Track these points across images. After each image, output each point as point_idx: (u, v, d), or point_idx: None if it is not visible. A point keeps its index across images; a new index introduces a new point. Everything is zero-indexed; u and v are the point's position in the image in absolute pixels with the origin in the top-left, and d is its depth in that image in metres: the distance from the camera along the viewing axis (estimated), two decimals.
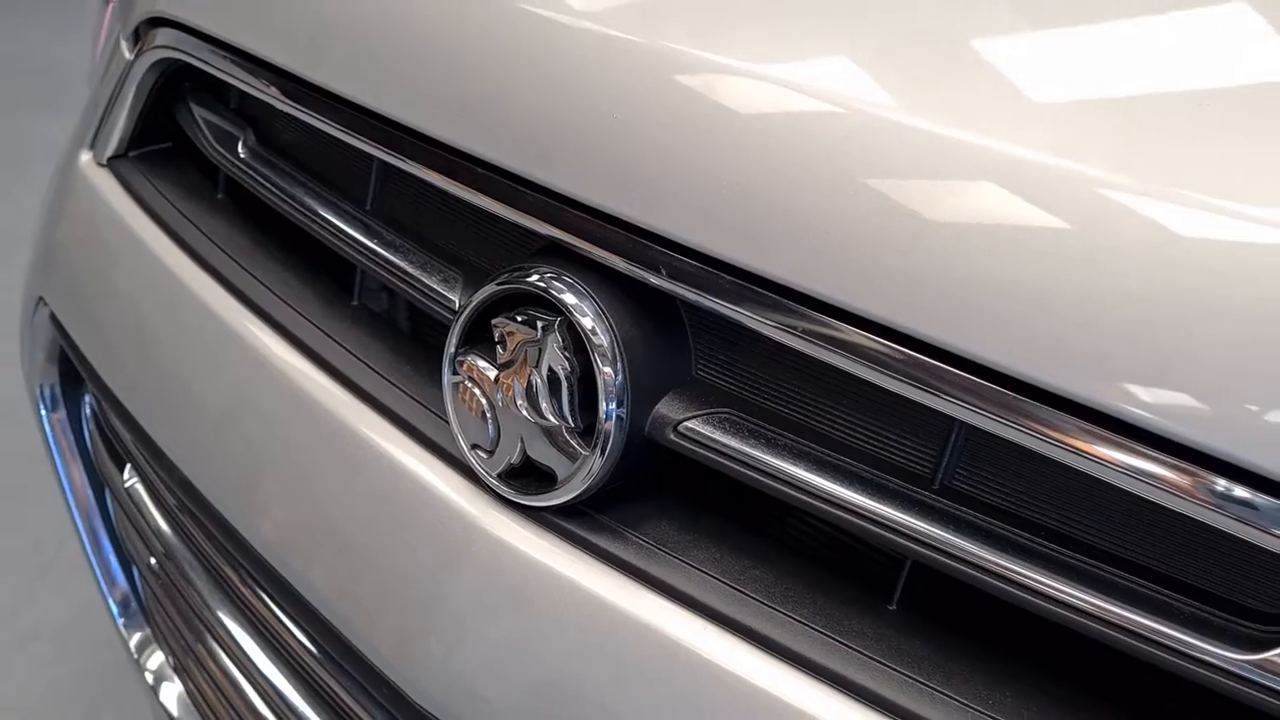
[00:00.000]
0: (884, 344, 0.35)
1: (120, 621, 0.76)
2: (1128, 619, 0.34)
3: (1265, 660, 0.32)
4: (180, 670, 0.74)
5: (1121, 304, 0.31)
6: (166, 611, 0.73)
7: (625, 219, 0.40)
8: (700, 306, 0.39)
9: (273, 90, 0.55)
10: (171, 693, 0.76)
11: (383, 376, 0.49)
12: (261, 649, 0.60)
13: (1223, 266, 0.30)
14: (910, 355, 0.35)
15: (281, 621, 0.54)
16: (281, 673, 0.59)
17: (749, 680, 0.38)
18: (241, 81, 0.57)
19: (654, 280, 0.40)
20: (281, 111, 0.55)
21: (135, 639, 0.77)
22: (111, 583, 0.78)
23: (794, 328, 0.37)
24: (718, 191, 0.38)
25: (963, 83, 0.37)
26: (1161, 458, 0.32)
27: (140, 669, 0.77)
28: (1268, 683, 0.31)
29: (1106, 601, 0.34)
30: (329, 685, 0.54)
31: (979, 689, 0.37)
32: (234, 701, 0.64)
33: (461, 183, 0.46)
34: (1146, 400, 0.31)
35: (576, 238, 0.42)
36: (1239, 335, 0.30)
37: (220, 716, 0.68)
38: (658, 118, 0.39)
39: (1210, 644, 0.32)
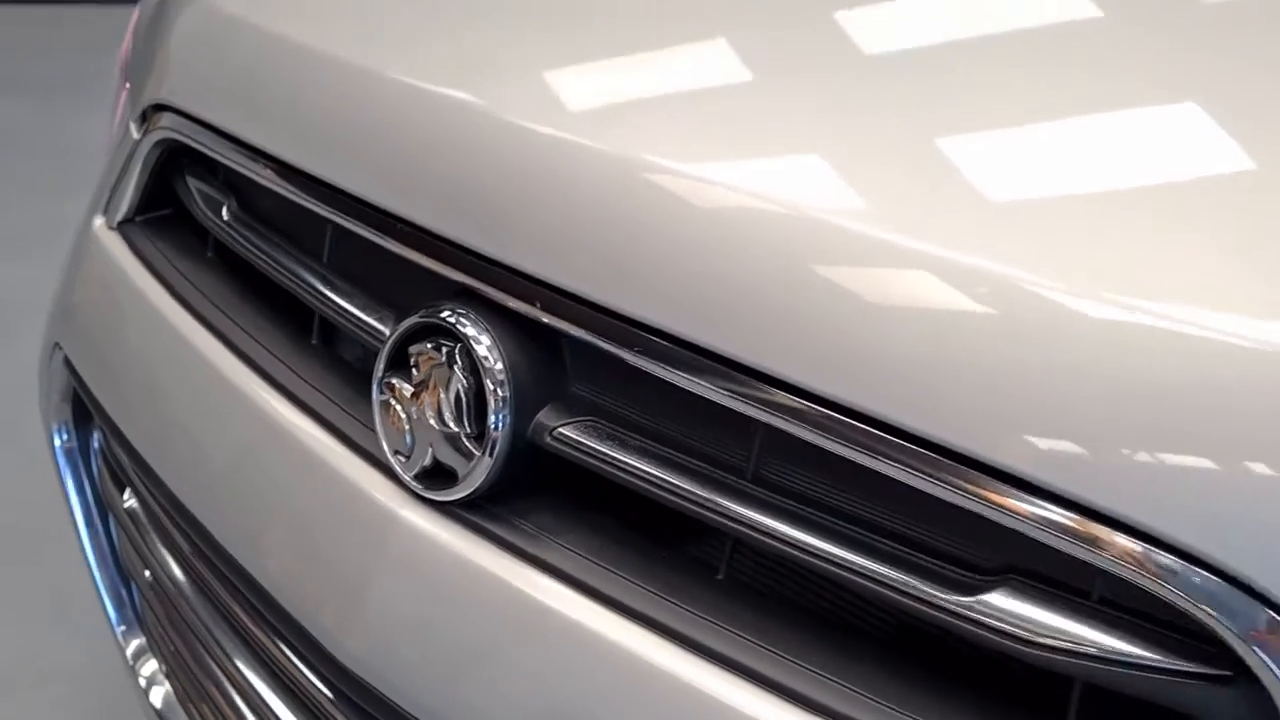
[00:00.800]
0: (703, 360, 0.45)
1: (119, 630, 0.86)
2: (881, 573, 0.43)
3: (975, 602, 0.41)
4: (170, 676, 0.84)
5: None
6: (159, 620, 0.83)
7: (518, 269, 0.51)
8: (573, 336, 0.50)
9: (251, 166, 0.66)
10: (159, 695, 0.85)
11: (329, 398, 0.59)
12: (233, 642, 0.70)
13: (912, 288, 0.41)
14: (723, 369, 0.45)
15: (245, 612, 0.64)
16: (248, 662, 0.68)
17: (607, 637, 0.48)
18: (226, 158, 0.68)
19: (540, 317, 0.50)
20: (258, 183, 0.66)
21: (132, 647, 0.86)
22: (115, 597, 0.88)
23: (638, 352, 0.47)
24: (580, 244, 0.48)
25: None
26: (905, 445, 0.41)
27: (135, 674, 0.86)
28: (977, 618, 0.41)
29: (869, 560, 0.44)
30: (286, 669, 0.63)
31: (790, 643, 0.46)
32: (211, 694, 0.74)
33: (394, 240, 0.57)
34: (886, 402, 0.41)
35: (480, 283, 0.53)
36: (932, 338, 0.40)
37: (199, 712, 0.78)
38: (537, 192, 0.50)
39: (937, 590, 0.42)
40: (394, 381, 0.54)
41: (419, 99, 0.56)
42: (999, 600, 0.41)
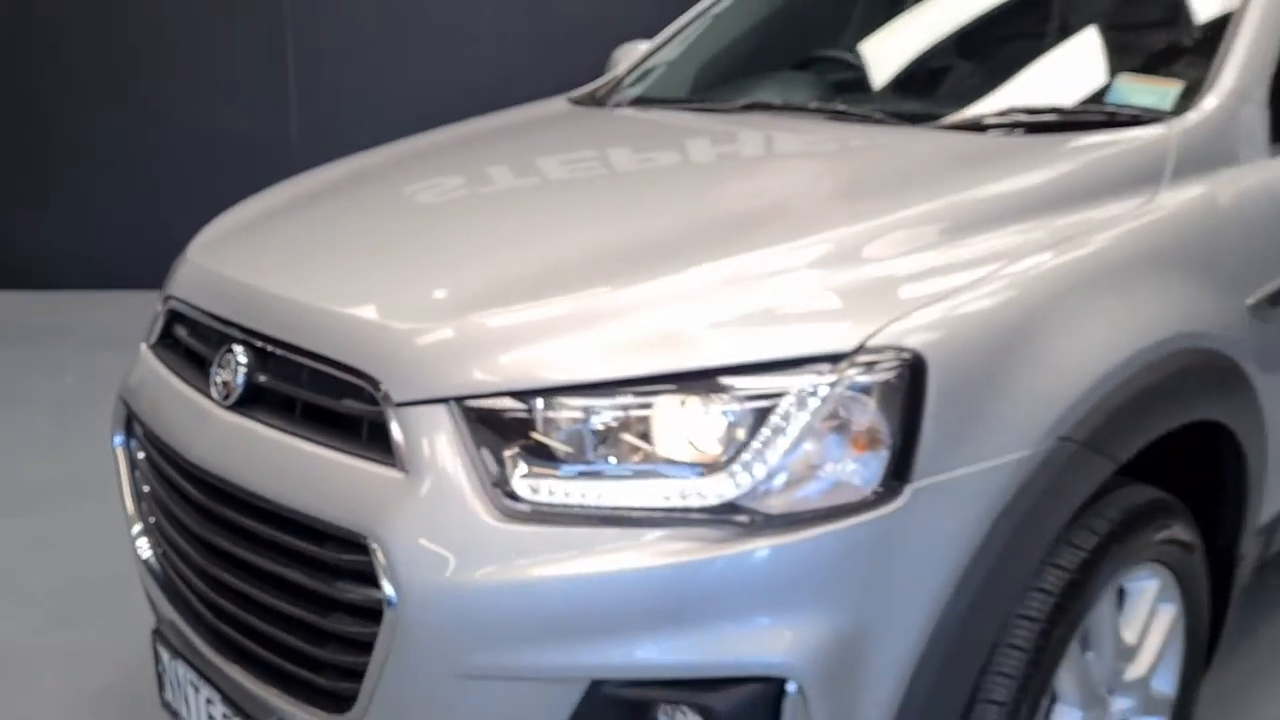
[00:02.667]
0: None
1: (134, 530, 1.96)
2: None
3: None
4: (147, 534, 1.93)
5: None
6: (149, 518, 1.94)
7: (257, 332, 1.66)
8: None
9: (195, 313, 1.84)
10: (144, 549, 1.95)
11: (200, 385, 1.74)
12: (163, 496, 1.81)
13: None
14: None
15: (165, 478, 1.77)
16: (166, 501, 1.80)
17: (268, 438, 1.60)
18: (192, 316, 1.86)
19: (269, 349, 1.65)
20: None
21: (135, 530, 1.97)
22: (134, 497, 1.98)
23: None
24: (231, 295, 1.65)
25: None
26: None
27: (135, 546, 1.96)
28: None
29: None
30: (176, 484, 1.75)
31: None
32: (157, 528, 1.84)
33: (210, 320, 1.73)
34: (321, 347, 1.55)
35: (244, 334, 1.68)
36: None
37: (155, 544, 1.88)
38: (253, 294, 1.67)
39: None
40: (219, 375, 1.68)
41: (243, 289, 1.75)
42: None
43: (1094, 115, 1.95)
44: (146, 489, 1.92)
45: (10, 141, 5.68)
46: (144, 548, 1.95)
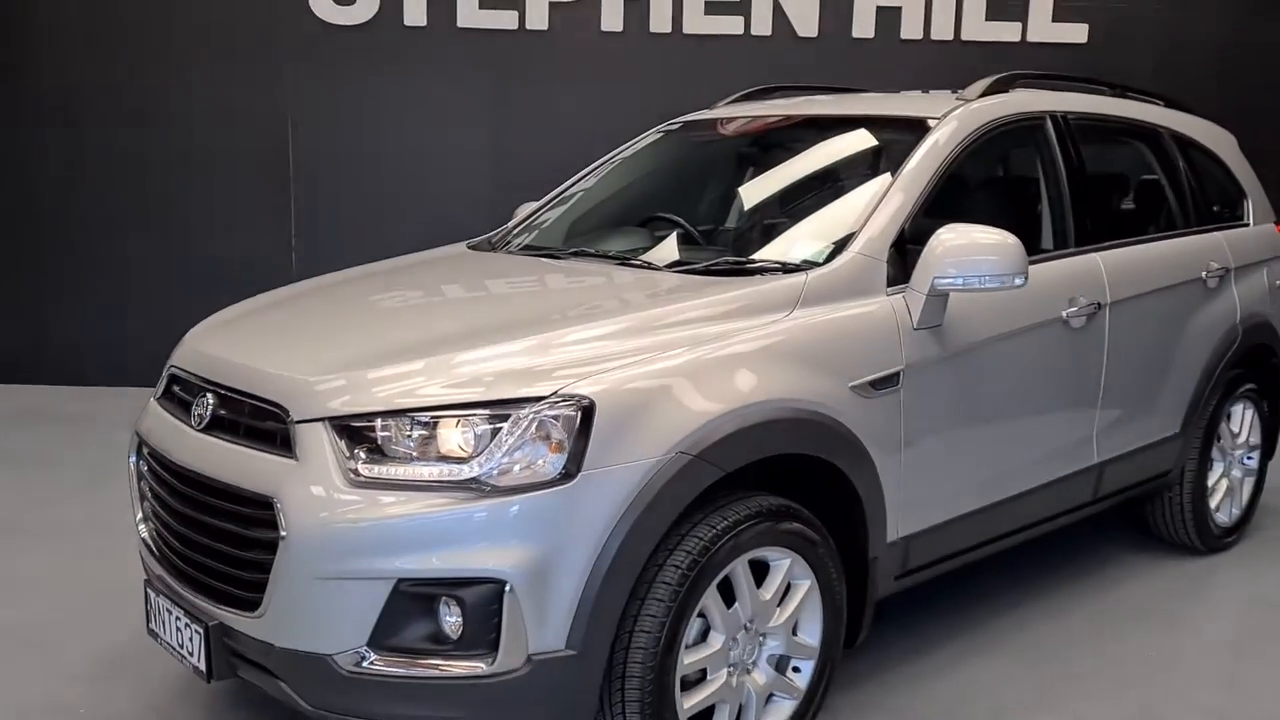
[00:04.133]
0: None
1: (137, 518, 2.98)
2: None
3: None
4: (144, 521, 2.96)
5: None
6: (146, 507, 2.96)
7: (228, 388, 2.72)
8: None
9: (186, 374, 2.91)
10: (143, 531, 2.97)
11: (183, 418, 2.79)
12: (151, 486, 2.84)
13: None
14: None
15: (157, 477, 2.81)
16: (157, 490, 2.83)
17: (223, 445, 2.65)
18: (181, 376, 2.93)
19: (226, 394, 2.70)
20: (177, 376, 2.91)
21: (138, 516, 2.99)
22: (138, 504, 3.01)
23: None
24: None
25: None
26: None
27: (138, 530, 2.98)
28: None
29: None
30: (162, 478, 2.78)
31: None
32: (146, 512, 2.87)
33: (195, 380, 2.80)
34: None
35: (231, 396, 2.74)
36: None
37: (151, 536, 2.90)
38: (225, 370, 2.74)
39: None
40: (196, 410, 2.73)
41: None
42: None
43: (769, 264, 3.03)
44: (146, 489, 2.95)
45: (51, 260, 6.86)
46: (142, 529, 2.97)
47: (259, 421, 2.58)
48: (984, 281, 2.96)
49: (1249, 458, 4.60)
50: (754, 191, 3.70)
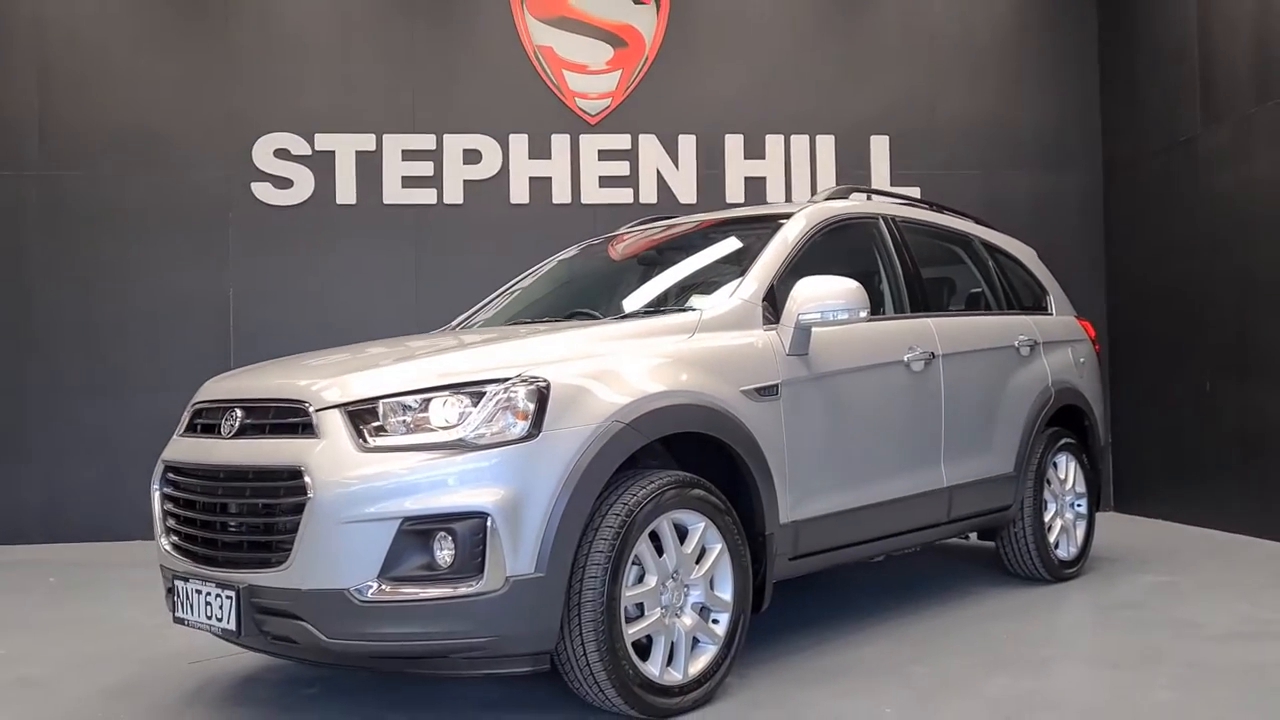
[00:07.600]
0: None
1: (158, 531, 3.57)
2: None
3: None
4: (166, 534, 3.55)
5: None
6: (167, 523, 3.56)
7: (234, 399, 3.42)
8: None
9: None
10: (164, 544, 3.56)
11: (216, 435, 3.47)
12: (174, 499, 3.47)
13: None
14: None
15: (182, 488, 3.45)
16: (175, 496, 3.46)
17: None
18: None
19: (252, 406, 3.40)
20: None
21: (159, 529, 3.58)
22: (160, 523, 3.61)
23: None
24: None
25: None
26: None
27: (158, 540, 3.56)
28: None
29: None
30: (187, 484, 3.42)
31: None
32: (168, 527, 3.49)
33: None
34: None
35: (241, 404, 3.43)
36: None
37: (172, 545, 3.51)
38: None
39: None
40: (226, 424, 3.42)
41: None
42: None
43: (674, 309, 3.92)
44: (170, 508, 3.57)
45: (14, 429, 7.36)
46: (165, 543, 3.57)
47: (283, 419, 3.28)
48: (836, 314, 3.87)
49: (1078, 503, 5.51)
50: (656, 276, 4.62)
